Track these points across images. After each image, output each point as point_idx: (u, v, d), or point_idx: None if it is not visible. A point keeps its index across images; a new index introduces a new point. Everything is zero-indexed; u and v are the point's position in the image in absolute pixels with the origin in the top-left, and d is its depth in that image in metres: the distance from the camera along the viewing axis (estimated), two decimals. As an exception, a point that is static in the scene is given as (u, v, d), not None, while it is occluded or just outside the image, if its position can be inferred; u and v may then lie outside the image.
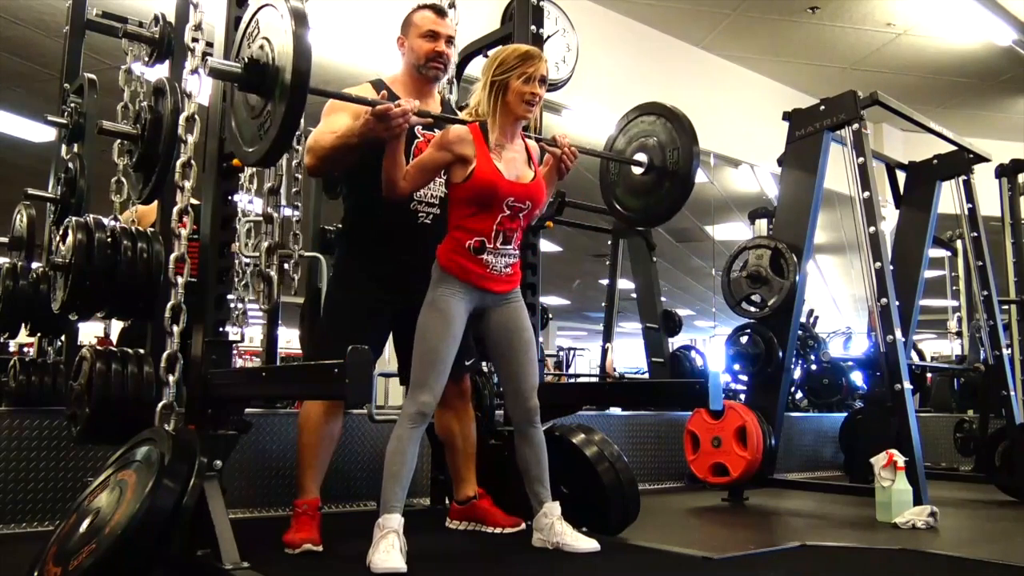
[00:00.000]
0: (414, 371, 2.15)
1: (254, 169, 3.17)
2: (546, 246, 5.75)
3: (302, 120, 1.92)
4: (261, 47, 1.90)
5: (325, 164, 2.36)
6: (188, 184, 2.24)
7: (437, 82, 2.58)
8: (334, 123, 2.32)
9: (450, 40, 2.53)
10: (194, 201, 2.31)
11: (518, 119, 2.24)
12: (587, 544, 2.19)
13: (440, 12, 2.52)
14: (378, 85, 2.50)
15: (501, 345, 2.30)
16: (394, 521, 2.02)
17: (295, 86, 1.77)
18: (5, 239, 3.38)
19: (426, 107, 2.50)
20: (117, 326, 4.83)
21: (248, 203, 3.34)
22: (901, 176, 4.68)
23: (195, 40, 2.31)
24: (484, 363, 2.80)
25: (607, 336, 6.92)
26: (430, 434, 2.95)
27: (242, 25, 2.05)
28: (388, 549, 1.95)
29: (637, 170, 2.73)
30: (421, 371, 2.14)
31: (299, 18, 1.80)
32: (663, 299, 6.46)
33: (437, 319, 2.17)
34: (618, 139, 2.84)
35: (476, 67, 3.51)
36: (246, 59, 1.92)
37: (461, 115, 2.30)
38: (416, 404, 2.11)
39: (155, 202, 3.19)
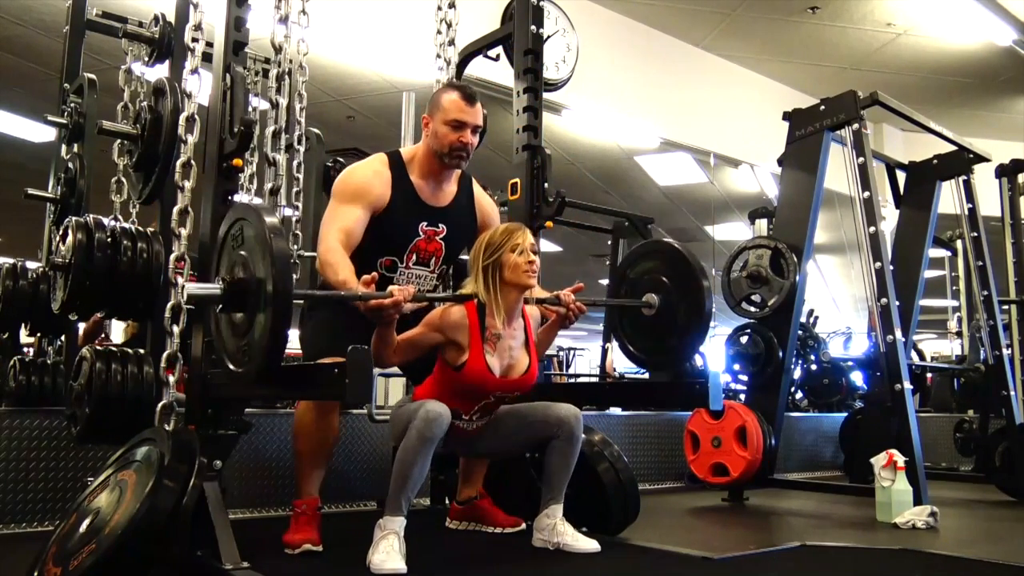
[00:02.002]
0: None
1: (254, 169, 3.17)
2: (546, 246, 5.75)
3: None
4: (240, 263, 1.83)
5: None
6: (188, 184, 2.23)
7: (458, 170, 2.49)
8: (345, 217, 2.26)
9: (476, 129, 2.41)
10: None
11: (522, 289, 2.18)
12: (587, 544, 2.20)
13: (470, 98, 2.38)
14: (394, 162, 2.42)
15: (501, 430, 2.31)
16: (396, 523, 2.02)
17: (279, 302, 1.68)
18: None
19: (441, 193, 2.45)
20: (117, 326, 4.83)
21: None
22: (901, 176, 4.67)
23: (195, 40, 2.31)
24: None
25: (607, 336, 6.92)
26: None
27: (219, 236, 1.97)
28: (388, 550, 1.95)
29: (648, 312, 2.47)
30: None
31: (275, 232, 1.72)
32: (663, 299, 6.44)
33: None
34: (629, 271, 2.62)
35: (476, 67, 3.52)
36: (223, 279, 1.85)
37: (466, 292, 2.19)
38: (421, 407, 2.08)
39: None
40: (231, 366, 1.91)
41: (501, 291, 2.15)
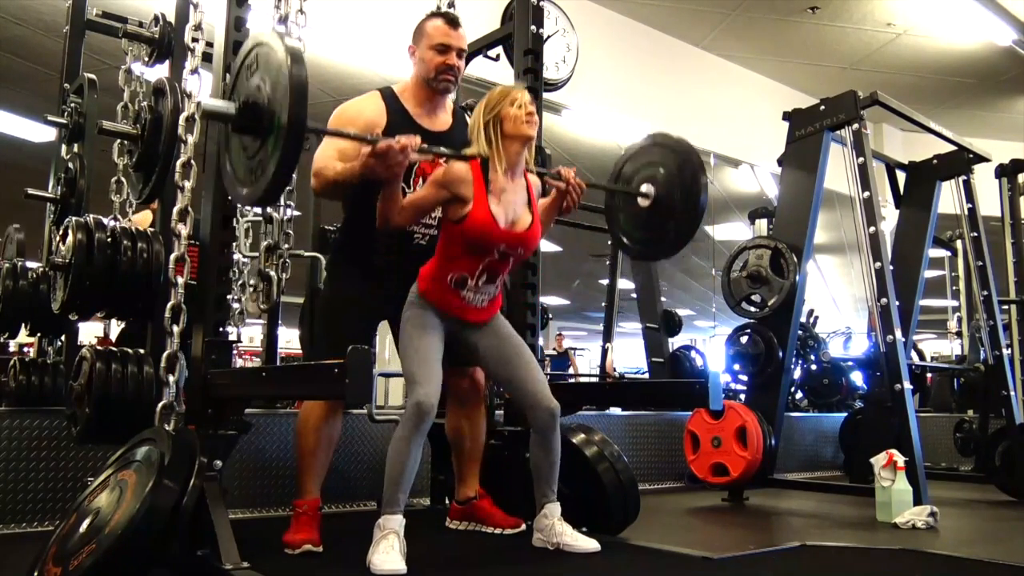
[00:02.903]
0: (405, 374, 2.15)
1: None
2: (546, 246, 5.75)
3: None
4: (257, 88, 1.82)
5: (328, 193, 2.36)
6: (188, 184, 2.23)
7: (448, 94, 2.53)
8: (338, 141, 2.28)
9: (461, 53, 2.46)
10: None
11: (523, 140, 2.20)
12: (587, 544, 2.20)
13: (453, 23, 2.46)
14: (387, 94, 2.46)
15: (495, 358, 2.29)
16: (395, 522, 2.01)
17: (291, 131, 1.70)
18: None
19: (436, 119, 2.50)
20: (117, 326, 4.83)
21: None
22: (901, 176, 4.67)
23: (195, 40, 2.31)
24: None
25: (607, 336, 6.92)
26: (432, 434, 2.95)
27: (236, 62, 1.98)
28: (388, 550, 1.95)
29: (643, 202, 2.56)
30: (410, 369, 2.14)
31: (296, 57, 1.72)
32: (663, 299, 6.46)
33: (413, 327, 2.19)
34: (626, 165, 2.67)
35: (476, 67, 3.52)
36: (240, 101, 1.86)
37: (467, 150, 2.22)
38: (414, 399, 2.08)
39: (147, 211, 3.21)
40: (240, 189, 1.92)
41: (503, 144, 2.17)
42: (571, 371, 10.19)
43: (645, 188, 2.54)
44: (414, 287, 2.24)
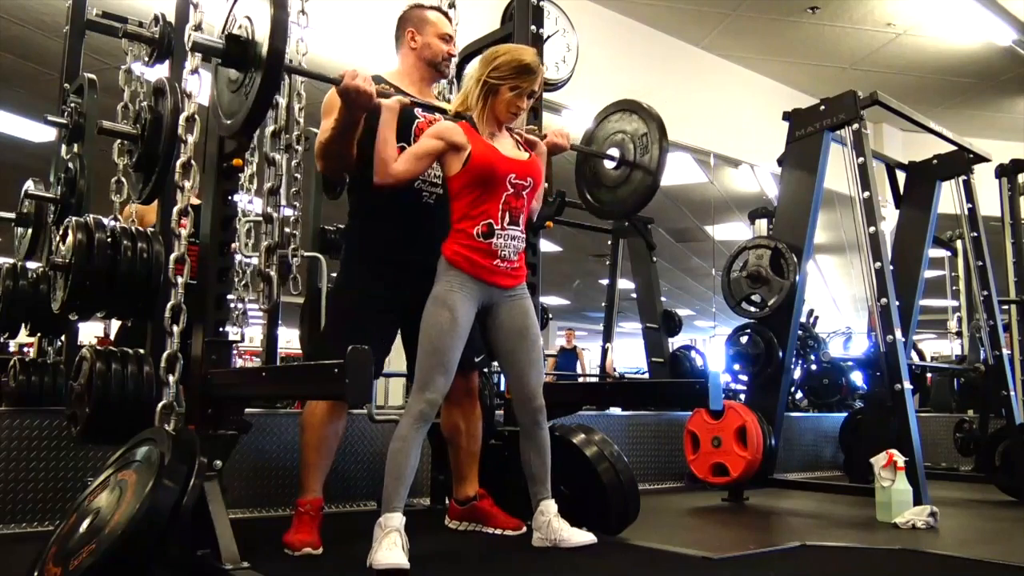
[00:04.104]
0: (419, 369, 2.14)
1: (254, 169, 3.17)
2: (546, 246, 5.75)
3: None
4: (241, 26, 2.02)
5: (330, 161, 2.42)
6: (188, 184, 2.23)
7: (437, 81, 2.71)
8: (330, 123, 2.35)
9: (453, 39, 2.67)
10: (195, 201, 2.31)
11: (500, 123, 2.29)
12: (582, 538, 2.20)
13: (448, 16, 2.69)
14: (377, 81, 2.49)
15: (507, 343, 2.28)
16: (396, 520, 2.01)
17: (271, 59, 1.90)
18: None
19: (426, 95, 2.62)
20: (117, 326, 4.82)
21: (248, 203, 3.34)
22: (901, 176, 4.68)
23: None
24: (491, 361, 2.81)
25: (607, 336, 6.92)
26: (431, 433, 2.95)
27: (227, 7, 2.16)
28: (391, 547, 1.95)
29: (609, 164, 2.91)
30: (426, 370, 2.12)
31: (278, 3, 1.92)
32: (663, 299, 6.46)
33: (443, 315, 2.14)
34: (595, 133, 3.02)
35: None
36: (227, 35, 2.03)
37: (448, 107, 2.41)
38: (421, 403, 2.09)
39: (155, 202, 3.20)
40: (224, 119, 2.14)
41: (488, 110, 2.24)
42: (579, 369, 10.16)
43: (611, 151, 2.91)
44: (441, 261, 2.21)
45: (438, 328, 2.13)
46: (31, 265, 3.17)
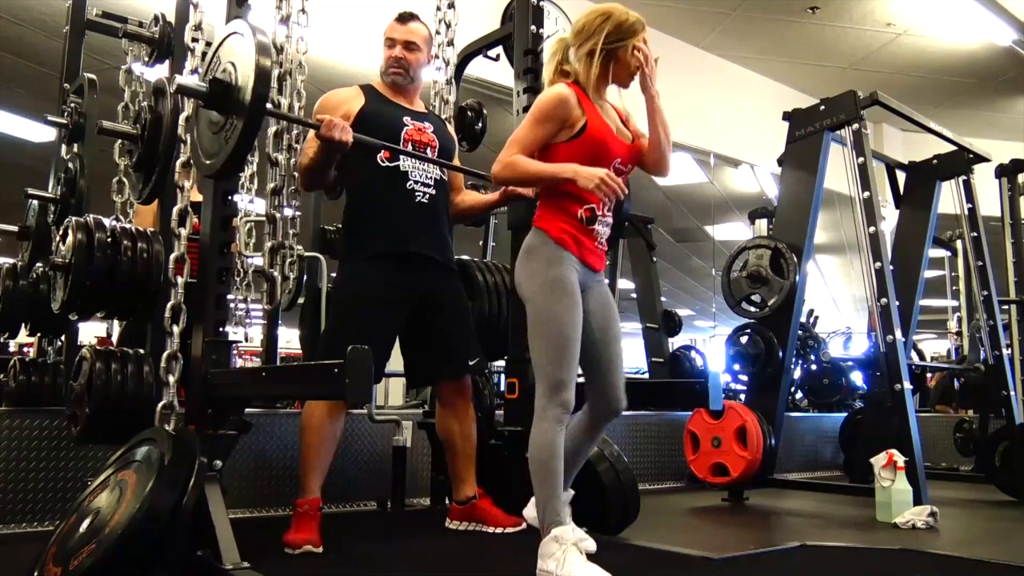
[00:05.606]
0: (549, 366, 1.90)
1: (254, 169, 3.17)
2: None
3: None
4: (225, 70, 2.00)
5: (310, 182, 2.56)
6: (188, 184, 2.24)
7: (410, 84, 2.63)
8: (314, 143, 2.41)
9: (409, 45, 2.58)
10: (197, 197, 2.31)
11: (618, 86, 2.10)
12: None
13: (402, 19, 2.60)
14: (366, 88, 2.59)
15: (597, 331, 2.05)
16: (567, 532, 1.86)
17: (254, 106, 1.89)
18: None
19: (413, 104, 2.65)
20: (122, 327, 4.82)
21: (248, 203, 3.33)
22: (901, 176, 4.68)
23: (195, 40, 2.31)
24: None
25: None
26: (430, 434, 2.95)
27: (211, 50, 2.13)
28: (583, 563, 1.82)
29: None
30: (557, 366, 1.89)
31: (262, 48, 1.91)
32: (663, 299, 6.46)
33: (565, 302, 1.91)
34: None
35: (476, 67, 3.52)
36: (211, 80, 2.00)
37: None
38: (555, 407, 1.90)
39: (155, 202, 3.20)
40: (203, 159, 2.12)
41: (603, 77, 2.04)
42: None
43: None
44: (540, 239, 1.99)
45: (561, 317, 1.90)
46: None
